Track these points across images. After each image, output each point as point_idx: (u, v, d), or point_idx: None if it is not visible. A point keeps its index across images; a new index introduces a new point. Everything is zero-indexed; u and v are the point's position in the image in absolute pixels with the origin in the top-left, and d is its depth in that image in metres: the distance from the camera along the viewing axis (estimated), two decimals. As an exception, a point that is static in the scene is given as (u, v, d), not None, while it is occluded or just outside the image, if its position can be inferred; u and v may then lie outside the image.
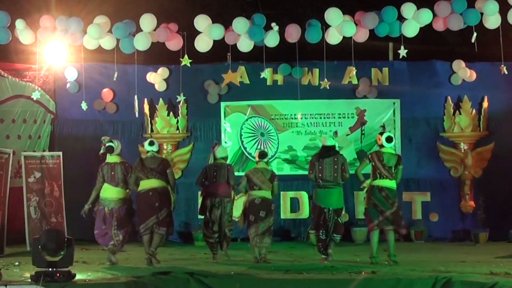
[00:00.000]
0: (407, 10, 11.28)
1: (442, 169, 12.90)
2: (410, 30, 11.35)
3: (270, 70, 12.74)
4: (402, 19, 11.35)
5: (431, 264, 9.07)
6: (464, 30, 11.51)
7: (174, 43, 11.70)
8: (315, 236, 10.02)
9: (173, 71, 13.00)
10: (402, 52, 11.45)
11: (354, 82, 12.76)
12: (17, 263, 9.39)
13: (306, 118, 13.00)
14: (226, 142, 12.91)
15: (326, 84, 12.22)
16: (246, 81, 13.07)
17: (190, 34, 11.64)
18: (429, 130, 13.00)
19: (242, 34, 11.51)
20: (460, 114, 12.78)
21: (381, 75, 12.97)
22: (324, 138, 10.27)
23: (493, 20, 11.17)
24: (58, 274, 7.64)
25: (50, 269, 7.67)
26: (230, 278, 8.08)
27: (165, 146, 12.97)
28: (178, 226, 12.30)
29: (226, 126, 13.12)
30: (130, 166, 9.68)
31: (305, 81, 12.91)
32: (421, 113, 12.96)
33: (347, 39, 11.55)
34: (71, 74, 12.91)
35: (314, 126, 13.00)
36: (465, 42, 11.93)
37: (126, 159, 9.91)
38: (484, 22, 11.20)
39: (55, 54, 12.57)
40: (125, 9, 13.06)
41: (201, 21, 11.58)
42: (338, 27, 11.40)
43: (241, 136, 13.11)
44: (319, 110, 12.99)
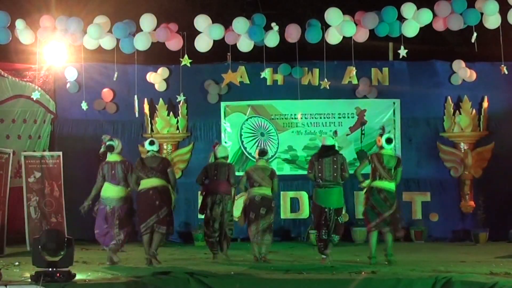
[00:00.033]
0: (407, 10, 11.28)
1: (442, 169, 12.90)
2: (410, 30, 11.36)
3: (270, 70, 12.75)
4: (402, 19, 11.36)
5: (431, 264, 9.06)
6: (464, 30, 11.51)
7: (174, 43, 11.70)
8: (316, 236, 9.99)
9: (173, 71, 13.00)
10: (402, 52, 11.45)
11: (354, 82, 12.75)
12: (17, 263, 9.36)
13: (306, 118, 13.00)
14: (226, 142, 12.89)
15: (326, 84, 12.22)
16: (246, 81, 13.07)
17: (190, 34, 11.65)
18: (429, 130, 13.00)
19: (242, 34, 11.51)
20: (460, 114, 12.78)
21: (381, 75, 12.97)
22: (323, 138, 10.23)
23: (493, 20, 11.17)
24: (58, 274, 7.62)
25: (50, 269, 7.66)
26: (230, 278, 8.06)
27: (165, 146, 12.97)
28: (178, 226, 12.29)
29: (226, 126, 13.12)
30: (131, 164, 9.65)
31: (305, 81, 12.91)
32: (421, 113, 12.97)
33: (347, 39, 11.55)
34: (71, 74, 12.90)
35: (314, 126, 13.00)
36: (465, 42, 11.93)
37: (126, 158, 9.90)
38: (484, 22, 11.20)
39: (55, 54, 12.56)
40: (125, 9, 13.06)
41: (201, 21, 11.58)
42: (338, 27, 11.40)
43: (241, 136, 13.10)
44: (319, 110, 12.99)
